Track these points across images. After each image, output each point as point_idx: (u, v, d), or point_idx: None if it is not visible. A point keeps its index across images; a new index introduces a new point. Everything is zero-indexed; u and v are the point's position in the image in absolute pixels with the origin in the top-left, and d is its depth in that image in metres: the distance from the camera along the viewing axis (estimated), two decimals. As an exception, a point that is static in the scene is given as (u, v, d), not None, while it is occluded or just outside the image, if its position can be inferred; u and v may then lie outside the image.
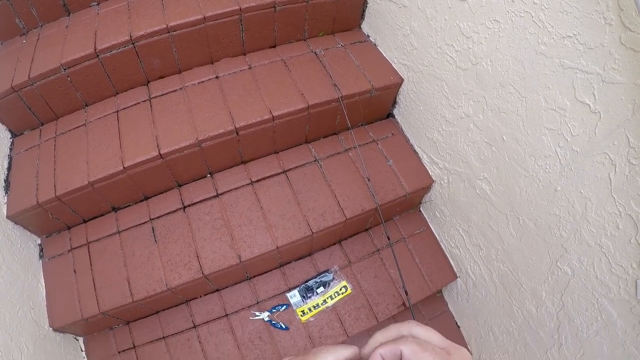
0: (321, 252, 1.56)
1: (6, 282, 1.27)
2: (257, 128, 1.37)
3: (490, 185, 1.25)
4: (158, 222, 1.42)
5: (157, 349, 1.44)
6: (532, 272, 1.20)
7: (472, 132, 1.25)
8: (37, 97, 1.41)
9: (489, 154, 1.21)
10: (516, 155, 1.11)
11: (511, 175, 1.16)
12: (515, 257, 1.25)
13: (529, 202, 1.13)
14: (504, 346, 1.44)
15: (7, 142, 1.51)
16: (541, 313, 1.21)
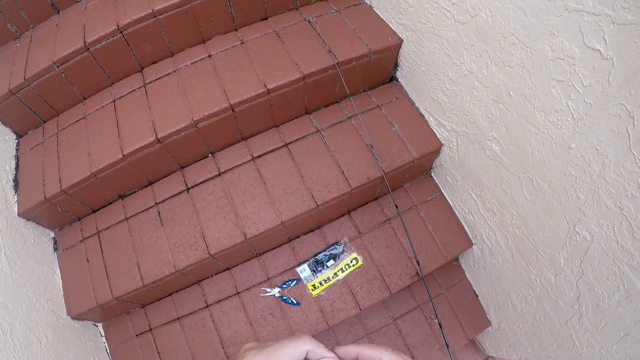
0: (330, 225, 1.55)
1: (22, 277, 1.34)
2: (253, 103, 1.36)
3: (500, 146, 1.19)
4: (163, 205, 1.45)
5: (173, 330, 1.49)
6: (549, 238, 1.14)
7: (478, 89, 1.19)
8: (35, 96, 1.45)
9: (496, 112, 1.15)
10: (525, 112, 1.05)
11: (521, 134, 1.09)
12: (530, 221, 1.19)
13: (541, 162, 1.06)
14: (523, 316, 1.41)
15: (13, 143, 1.57)
16: (560, 281, 1.16)
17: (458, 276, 1.67)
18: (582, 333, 1.16)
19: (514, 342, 1.56)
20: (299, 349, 0.43)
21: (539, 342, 1.39)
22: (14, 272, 1.31)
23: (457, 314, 1.63)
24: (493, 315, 1.63)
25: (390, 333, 1.59)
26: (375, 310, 1.62)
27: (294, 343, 0.43)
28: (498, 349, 1.71)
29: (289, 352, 0.42)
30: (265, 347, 0.43)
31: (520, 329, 1.47)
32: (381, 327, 1.60)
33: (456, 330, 1.62)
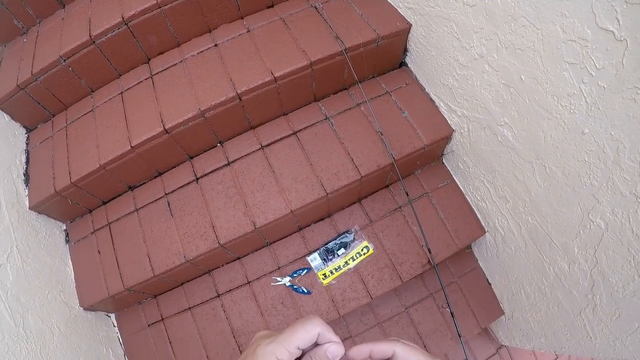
0: (340, 213, 1.54)
1: (34, 270, 1.36)
2: (260, 91, 1.35)
3: (512, 131, 1.17)
4: (173, 196, 1.45)
5: (184, 319, 1.50)
6: (563, 226, 1.12)
7: (488, 73, 1.16)
8: (43, 90, 1.47)
9: (507, 96, 1.13)
10: (537, 96, 1.02)
11: (533, 119, 1.07)
12: (543, 209, 1.17)
13: (554, 147, 1.03)
14: (536, 305, 1.40)
15: (23, 138, 1.59)
16: (574, 270, 1.14)
17: (471, 264, 1.66)
18: (595, 323, 1.14)
19: (527, 332, 1.55)
20: (310, 333, 0.43)
21: (552, 332, 1.37)
22: (26, 265, 1.33)
23: (470, 303, 1.62)
24: (506, 304, 1.61)
25: (402, 322, 1.59)
26: (387, 298, 1.61)
27: (305, 327, 0.43)
28: (511, 338, 1.70)
29: (300, 336, 0.43)
30: (277, 335, 0.44)
31: (533, 318, 1.45)
32: (393, 316, 1.59)
33: (469, 319, 1.61)
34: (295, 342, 0.43)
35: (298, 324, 0.44)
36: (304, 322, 0.44)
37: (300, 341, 0.43)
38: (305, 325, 0.44)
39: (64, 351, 1.30)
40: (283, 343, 0.42)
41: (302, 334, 0.43)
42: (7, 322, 1.16)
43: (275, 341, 0.43)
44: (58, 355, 1.27)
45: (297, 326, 0.44)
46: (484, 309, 1.63)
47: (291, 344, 0.42)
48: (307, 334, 0.43)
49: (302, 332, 0.43)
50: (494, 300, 1.64)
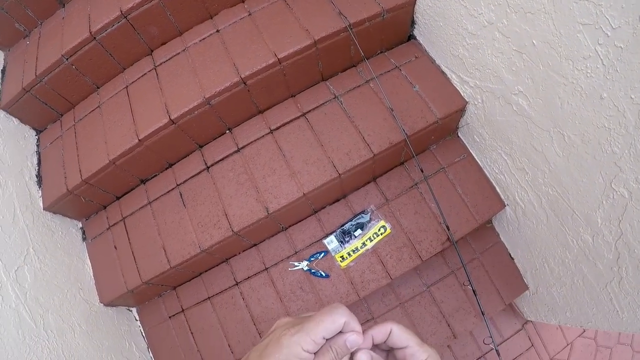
0: (355, 193, 1.51)
1: (51, 269, 1.37)
2: (264, 74, 1.31)
3: (527, 100, 1.11)
4: (184, 186, 1.44)
5: (204, 309, 1.50)
6: (584, 196, 1.07)
7: (499, 41, 1.11)
8: (49, 91, 1.46)
9: (520, 63, 1.07)
10: (551, 61, 0.96)
11: (549, 85, 1.01)
12: (564, 179, 1.12)
13: (572, 114, 0.98)
14: (560, 279, 1.35)
15: (34, 140, 1.59)
16: (598, 242, 1.09)
17: (492, 239, 1.61)
18: (622, 297, 1.10)
19: (552, 306, 1.51)
20: (336, 323, 0.43)
21: (578, 306, 1.33)
22: (43, 266, 1.33)
23: (493, 279, 1.57)
24: (530, 278, 1.57)
25: (424, 301, 1.55)
26: (408, 278, 1.58)
27: (331, 317, 0.43)
28: (537, 313, 1.66)
29: (326, 327, 0.42)
30: (301, 324, 0.43)
31: (558, 293, 1.41)
32: (415, 296, 1.56)
33: (492, 295, 1.56)
34: (321, 333, 0.42)
35: (324, 313, 0.43)
36: (330, 312, 0.43)
37: (326, 331, 0.42)
38: (332, 315, 0.43)
39: (86, 348, 1.31)
40: (309, 333, 0.42)
41: (328, 324, 0.42)
42: (27, 324, 1.17)
43: (301, 331, 0.42)
44: (80, 352, 1.28)
45: (323, 316, 0.43)
46: (508, 285, 1.58)
47: (317, 334, 0.42)
48: (333, 325, 0.43)
49: (329, 322, 0.43)
50: (518, 275, 1.59)
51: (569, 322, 1.44)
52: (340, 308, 0.45)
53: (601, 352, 1.93)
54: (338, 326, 0.43)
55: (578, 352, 1.90)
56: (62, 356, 1.21)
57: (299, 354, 0.41)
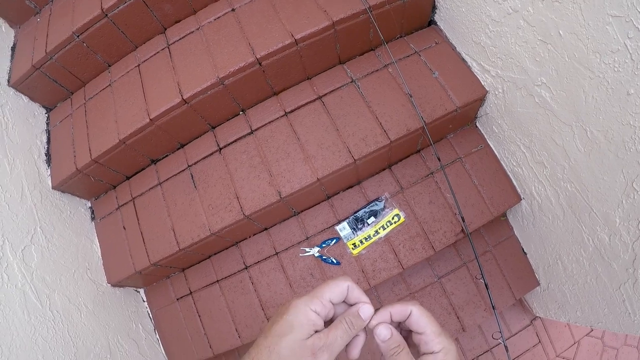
0: (370, 180, 1.46)
1: (59, 249, 1.34)
2: (280, 55, 1.26)
3: (550, 92, 1.06)
4: (196, 167, 1.40)
5: (212, 292, 1.47)
6: (604, 195, 1.03)
7: (523, 29, 1.05)
8: (59, 69, 1.42)
9: (545, 54, 1.01)
10: (577, 53, 0.91)
11: (573, 78, 0.96)
12: (584, 176, 1.07)
13: (596, 109, 0.93)
14: (573, 277, 1.31)
15: (43, 118, 1.56)
16: (614, 242, 1.05)
17: (506, 233, 1.56)
18: (635, 299, 1.06)
19: (563, 304, 1.47)
20: (340, 286, 0.47)
21: (589, 306, 1.30)
22: (51, 245, 1.31)
23: (505, 273, 1.53)
24: (542, 274, 1.52)
25: (434, 292, 1.52)
26: (419, 268, 1.54)
27: (335, 281, 0.47)
28: (546, 310, 1.62)
29: (331, 289, 0.46)
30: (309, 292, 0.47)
31: (570, 291, 1.37)
32: (425, 286, 1.52)
33: (503, 290, 1.52)
34: (326, 294, 0.46)
35: (328, 280, 0.48)
36: (333, 278, 0.48)
37: (331, 294, 0.46)
38: (335, 280, 0.47)
39: (92, 329, 1.29)
40: (316, 295, 0.46)
41: (332, 287, 0.46)
42: (33, 304, 1.14)
43: (307, 295, 0.46)
44: (86, 333, 1.26)
45: (327, 281, 0.48)
46: (519, 280, 1.54)
47: (323, 296, 0.46)
48: (337, 287, 0.47)
49: (333, 285, 0.47)
50: (530, 271, 1.55)
51: (578, 321, 1.40)
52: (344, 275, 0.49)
53: (607, 352, 1.89)
54: (342, 289, 0.47)
55: (585, 350, 1.87)
56: (68, 337, 1.19)
57: (307, 313, 0.45)
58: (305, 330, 0.45)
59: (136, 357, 1.40)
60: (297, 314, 0.45)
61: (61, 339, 1.17)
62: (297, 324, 0.45)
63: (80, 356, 1.20)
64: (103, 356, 1.27)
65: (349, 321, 0.47)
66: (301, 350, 0.44)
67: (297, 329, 0.44)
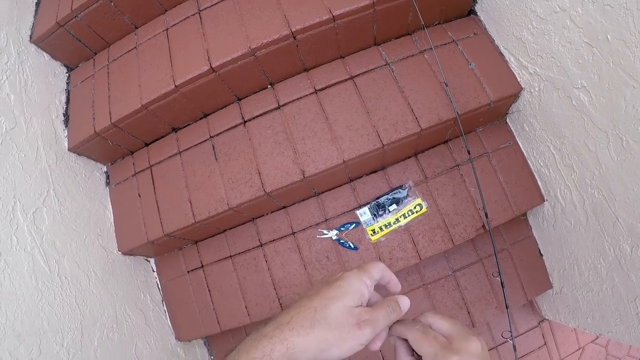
0: (395, 166, 1.40)
1: (71, 213, 1.29)
2: (316, 30, 1.20)
3: (590, 96, 1.01)
4: (218, 139, 1.34)
5: (225, 267, 1.42)
6: (632, 206, 0.99)
7: (569, 29, 1.00)
8: (84, 27, 1.36)
9: (589, 57, 0.96)
10: (623, 60, 0.87)
11: (616, 85, 0.91)
12: (613, 185, 1.04)
13: (636, 119, 0.89)
14: (588, 284, 1.28)
15: (64, 77, 1.50)
16: (636, 254, 1.02)
17: (524, 232, 1.51)
18: None
19: (574, 309, 1.43)
20: (379, 267, 0.51)
21: (601, 314, 1.26)
22: (63, 209, 1.26)
23: (519, 272, 1.49)
24: (556, 278, 1.48)
25: (447, 285, 1.47)
26: (435, 260, 1.50)
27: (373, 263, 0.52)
28: (556, 313, 1.58)
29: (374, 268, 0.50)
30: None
31: (583, 297, 1.33)
32: (439, 279, 1.48)
33: (516, 289, 1.48)
34: (373, 272, 0.50)
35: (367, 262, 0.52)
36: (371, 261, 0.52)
37: (376, 271, 0.50)
38: (374, 262, 0.52)
39: (100, 297, 1.25)
40: (367, 271, 0.49)
41: (375, 267, 0.51)
42: (41, 268, 1.10)
43: (360, 269, 0.50)
44: (94, 301, 1.22)
45: (368, 262, 0.52)
46: (533, 280, 1.50)
47: (372, 272, 0.50)
48: (377, 267, 0.51)
49: (374, 265, 0.51)
50: (544, 273, 1.50)
51: (588, 328, 1.37)
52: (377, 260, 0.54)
53: (610, 361, 1.87)
54: (381, 269, 0.51)
55: (588, 357, 1.84)
56: (75, 304, 1.15)
57: (360, 284, 0.47)
58: (356, 299, 0.47)
59: (142, 328, 1.36)
60: (352, 282, 0.47)
61: (68, 306, 1.12)
62: (351, 291, 0.47)
63: (87, 325, 1.16)
64: (109, 326, 1.24)
65: (392, 305, 0.48)
66: (349, 316, 0.45)
67: (350, 295, 0.46)
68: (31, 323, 1.01)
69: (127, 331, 1.30)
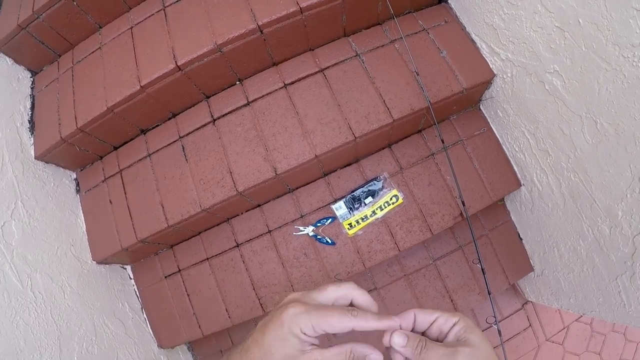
0: (369, 158, 1.38)
1: (41, 225, 1.23)
2: (283, 23, 1.16)
3: (563, 80, 1.01)
4: (188, 139, 1.30)
5: (202, 270, 1.39)
6: (609, 187, 0.99)
7: (540, 14, 0.99)
8: (47, 29, 1.30)
9: (561, 41, 0.96)
10: (595, 44, 0.86)
11: (588, 69, 0.91)
12: (589, 167, 1.04)
13: (609, 102, 0.89)
14: (569, 265, 1.28)
15: (28, 82, 1.43)
16: (615, 235, 1.03)
17: (502, 217, 1.51)
18: (632, 291, 1.04)
19: (556, 290, 1.44)
20: (343, 324, 0.41)
21: (583, 294, 1.27)
22: (32, 220, 1.20)
23: (500, 257, 1.48)
24: (537, 260, 1.49)
25: (429, 275, 1.46)
26: (415, 250, 1.48)
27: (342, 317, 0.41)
28: (539, 295, 1.59)
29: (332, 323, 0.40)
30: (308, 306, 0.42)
31: (564, 278, 1.34)
32: (420, 268, 1.47)
33: (497, 274, 1.48)
34: (324, 326, 0.40)
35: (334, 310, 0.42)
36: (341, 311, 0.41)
37: (330, 328, 0.41)
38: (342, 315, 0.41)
39: (76, 310, 1.20)
40: (312, 319, 0.40)
41: (333, 321, 0.40)
42: (13, 284, 1.05)
43: (304, 313, 0.41)
44: (70, 314, 1.17)
45: (332, 311, 0.41)
46: (514, 265, 1.50)
47: (319, 325, 0.40)
48: (339, 323, 0.41)
49: (336, 320, 0.41)
50: (524, 256, 1.51)
51: (571, 308, 1.38)
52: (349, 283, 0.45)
53: (595, 337, 1.90)
54: (344, 328, 0.41)
55: (574, 335, 1.87)
56: (51, 319, 1.10)
57: (297, 334, 0.40)
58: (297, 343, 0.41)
59: (122, 338, 1.32)
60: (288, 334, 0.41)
61: (44, 322, 1.08)
62: (291, 337, 0.41)
63: (64, 339, 1.11)
64: (88, 338, 1.19)
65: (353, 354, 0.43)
66: None
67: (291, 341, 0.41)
68: (6, 343, 0.96)
69: (107, 343, 1.25)
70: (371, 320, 0.42)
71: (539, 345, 1.83)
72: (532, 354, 1.83)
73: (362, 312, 0.42)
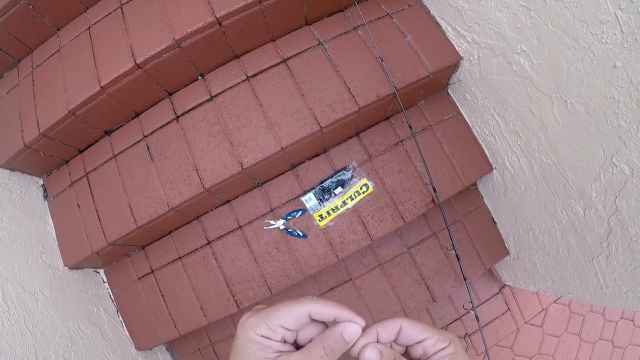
0: (337, 148, 1.33)
1: (10, 233, 1.18)
2: (242, 15, 1.11)
3: (530, 60, 0.97)
4: (152, 138, 1.24)
5: (175, 270, 1.34)
6: (581, 168, 0.96)
7: None
8: (4, 34, 1.23)
9: (527, 20, 0.92)
10: (562, 21, 0.83)
11: (556, 47, 0.87)
12: (561, 148, 1.00)
13: (579, 81, 0.86)
14: (544, 248, 1.26)
15: (-12, 89, 1.35)
16: (589, 216, 1.00)
17: (476, 202, 1.48)
18: (608, 272, 1.02)
19: (532, 273, 1.42)
20: (295, 311, 0.38)
21: (560, 276, 1.25)
22: (0, 230, 1.15)
23: (474, 242, 1.45)
24: (512, 244, 1.46)
25: (404, 263, 1.43)
26: (388, 238, 1.45)
27: (290, 305, 0.38)
28: (515, 278, 1.57)
29: (283, 314, 0.38)
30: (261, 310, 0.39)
31: (540, 261, 1.32)
32: (395, 257, 1.43)
33: (473, 259, 1.45)
34: (276, 320, 0.37)
35: (285, 301, 0.39)
36: (291, 300, 0.39)
37: (283, 319, 0.38)
38: (291, 304, 0.38)
39: (50, 317, 1.15)
40: (263, 318, 0.38)
41: (285, 311, 0.38)
42: None
43: (255, 315, 0.38)
44: (44, 322, 1.12)
45: (282, 303, 0.39)
46: (489, 249, 1.47)
47: (271, 320, 0.37)
48: (291, 312, 0.38)
49: (286, 309, 0.38)
50: (499, 240, 1.48)
51: (548, 291, 1.36)
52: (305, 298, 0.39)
53: (574, 318, 1.88)
54: (298, 315, 0.38)
55: (552, 317, 1.85)
56: (25, 328, 1.06)
57: (252, 338, 0.37)
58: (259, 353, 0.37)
59: (99, 343, 1.27)
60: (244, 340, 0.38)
61: (18, 332, 1.03)
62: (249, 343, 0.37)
63: (40, 348, 1.07)
64: (64, 345, 1.15)
65: (328, 346, 0.38)
66: None
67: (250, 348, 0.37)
68: (-20, 355, 0.92)
69: (83, 348, 1.20)
70: (330, 305, 0.38)
71: (518, 329, 1.81)
72: (511, 337, 1.81)
73: (317, 297, 0.39)
